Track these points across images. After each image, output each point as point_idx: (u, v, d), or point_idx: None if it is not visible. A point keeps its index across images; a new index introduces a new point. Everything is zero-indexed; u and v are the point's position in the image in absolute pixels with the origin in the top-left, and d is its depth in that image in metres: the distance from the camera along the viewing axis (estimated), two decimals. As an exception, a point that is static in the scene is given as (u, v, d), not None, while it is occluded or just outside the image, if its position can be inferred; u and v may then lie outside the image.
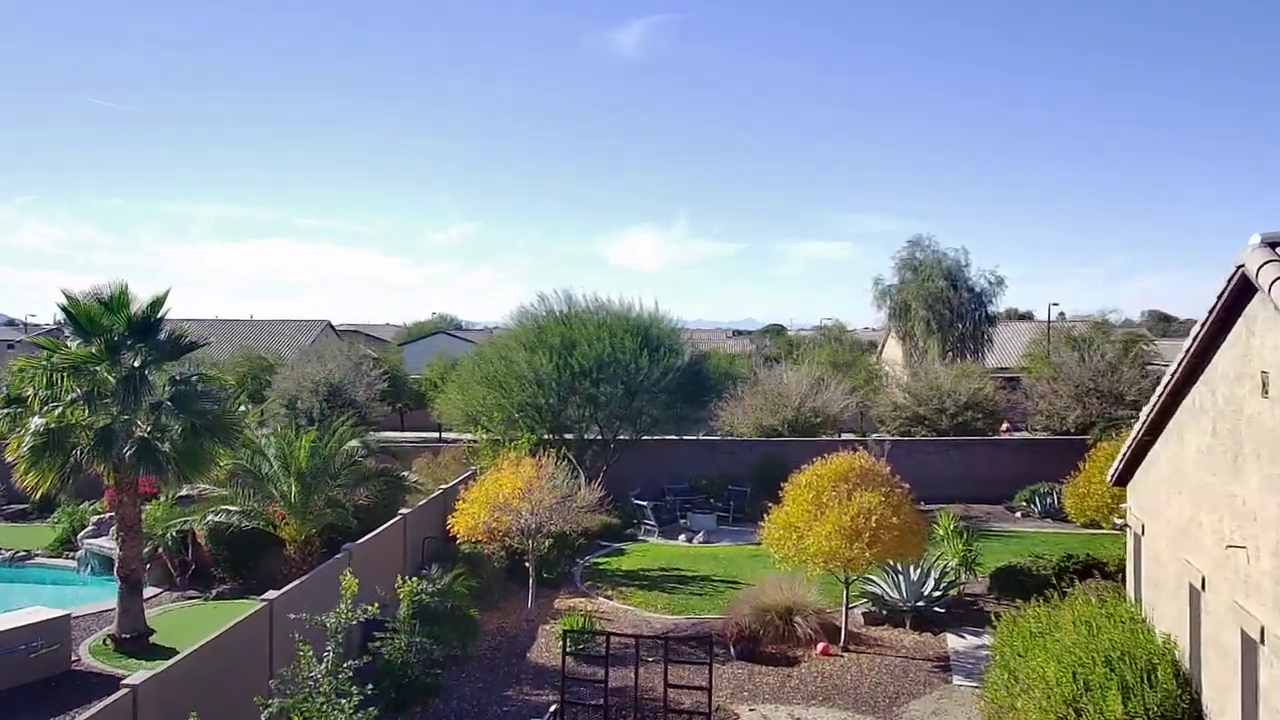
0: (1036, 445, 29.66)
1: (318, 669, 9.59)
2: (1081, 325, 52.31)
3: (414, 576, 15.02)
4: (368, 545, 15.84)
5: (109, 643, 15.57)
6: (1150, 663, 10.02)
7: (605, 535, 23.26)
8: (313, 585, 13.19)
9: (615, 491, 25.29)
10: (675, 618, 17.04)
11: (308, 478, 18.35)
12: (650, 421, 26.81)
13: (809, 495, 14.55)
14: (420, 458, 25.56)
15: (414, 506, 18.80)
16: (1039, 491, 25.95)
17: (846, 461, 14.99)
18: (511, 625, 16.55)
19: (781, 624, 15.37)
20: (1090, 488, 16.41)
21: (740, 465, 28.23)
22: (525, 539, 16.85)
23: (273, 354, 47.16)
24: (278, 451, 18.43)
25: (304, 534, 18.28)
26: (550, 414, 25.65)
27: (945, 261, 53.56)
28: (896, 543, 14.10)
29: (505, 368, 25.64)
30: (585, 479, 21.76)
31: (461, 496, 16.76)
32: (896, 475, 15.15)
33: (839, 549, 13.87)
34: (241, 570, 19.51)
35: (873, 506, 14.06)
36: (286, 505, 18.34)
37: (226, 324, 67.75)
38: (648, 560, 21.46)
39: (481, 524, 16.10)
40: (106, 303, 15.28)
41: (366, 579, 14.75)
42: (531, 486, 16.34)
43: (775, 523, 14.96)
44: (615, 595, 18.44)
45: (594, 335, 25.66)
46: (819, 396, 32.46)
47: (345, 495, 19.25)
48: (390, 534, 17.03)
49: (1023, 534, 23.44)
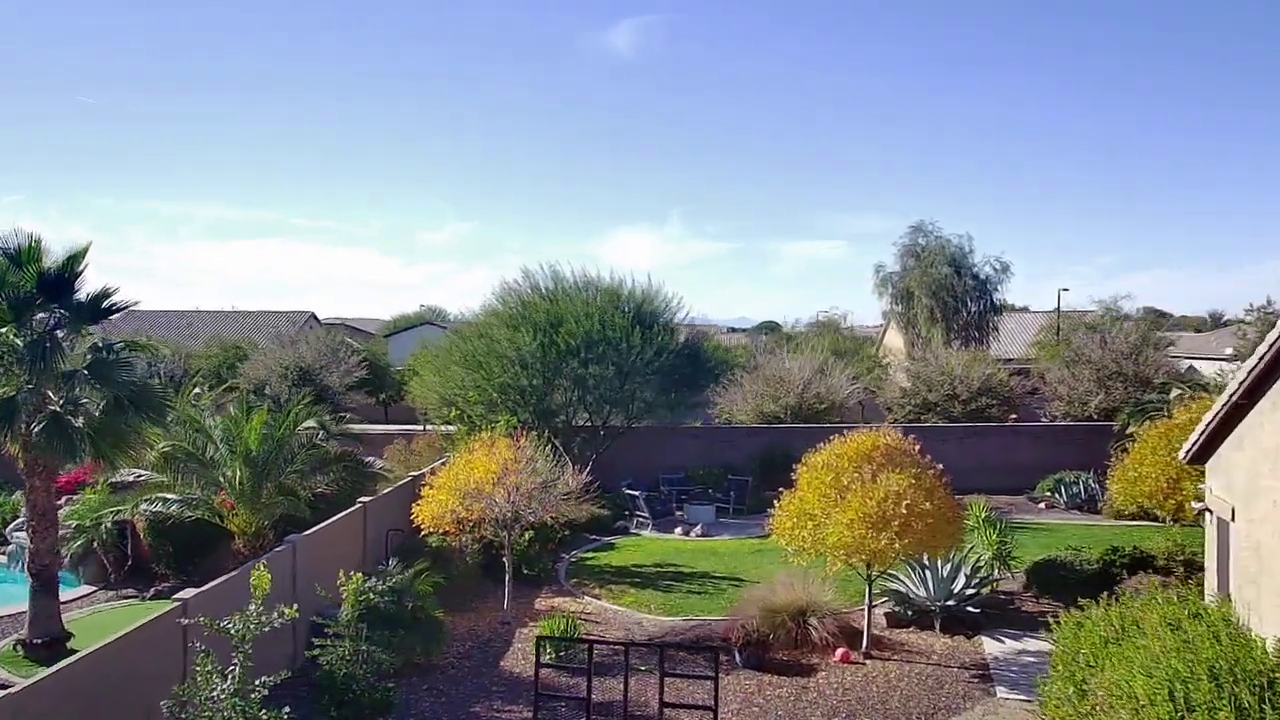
0: (1057, 432, 27.69)
1: (220, 686, 7.54)
2: (1093, 312, 50.41)
3: (372, 573, 13.00)
4: (318, 538, 13.79)
5: (18, 648, 13.48)
6: (1269, 677, 8.02)
7: (594, 528, 21.24)
8: (242, 582, 11.13)
9: (606, 481, 23.25)
10: (672, 619, 15.03)
11: (258, 462, 16.32)
12: (643, 406, 24.76)
13: (827, 477, 12.53)
14: (394, 444, 23.45)
15: (377, 495, 16.72)
16: (1064, 481, 24.01)
17: (870, 438, 12.97)
18: (485, 628, 14.50)
19: (794, 627, 13.36)
20: (1142, 470, 14.44)
21: (740, 454, 26.26)
22: (500, 530, 14.80)
23: (249, 343, 45.09)
24: (225, 433, 16.38)
25: (254, 525, 16.24)
26: (535, 397, 23.59)
27: (949, 248, 51.56)
28: (930, 532, 12.09)
29: (485, 346, 23.57)
30: (573, 467, 19.77)
31: (428, 482, 14.71)
32: (927, 456, 13.12)
33: (864, 540, 11.85)
34: (186, 566, 17.47)
35: (902, 490, 12.04)
36: (235, 493, 16.33)
37: (208, 315, 65.60)
38: (641, 555, 19.43)
39: (449, 513, 14.04)
40: (13, 255, 13.15)
41: (317, 575, 12.74)
42: (507, 470, 14.29)
43: (787, 510, 12.92)
44: (604, 594, 16.41)
45: (582, 311, 23.60)
46: (823, 382, 30.50)
47: (301, 482, 17.20)
48: (346, 525, 14.98)
49: (1051, 526, 21.46)
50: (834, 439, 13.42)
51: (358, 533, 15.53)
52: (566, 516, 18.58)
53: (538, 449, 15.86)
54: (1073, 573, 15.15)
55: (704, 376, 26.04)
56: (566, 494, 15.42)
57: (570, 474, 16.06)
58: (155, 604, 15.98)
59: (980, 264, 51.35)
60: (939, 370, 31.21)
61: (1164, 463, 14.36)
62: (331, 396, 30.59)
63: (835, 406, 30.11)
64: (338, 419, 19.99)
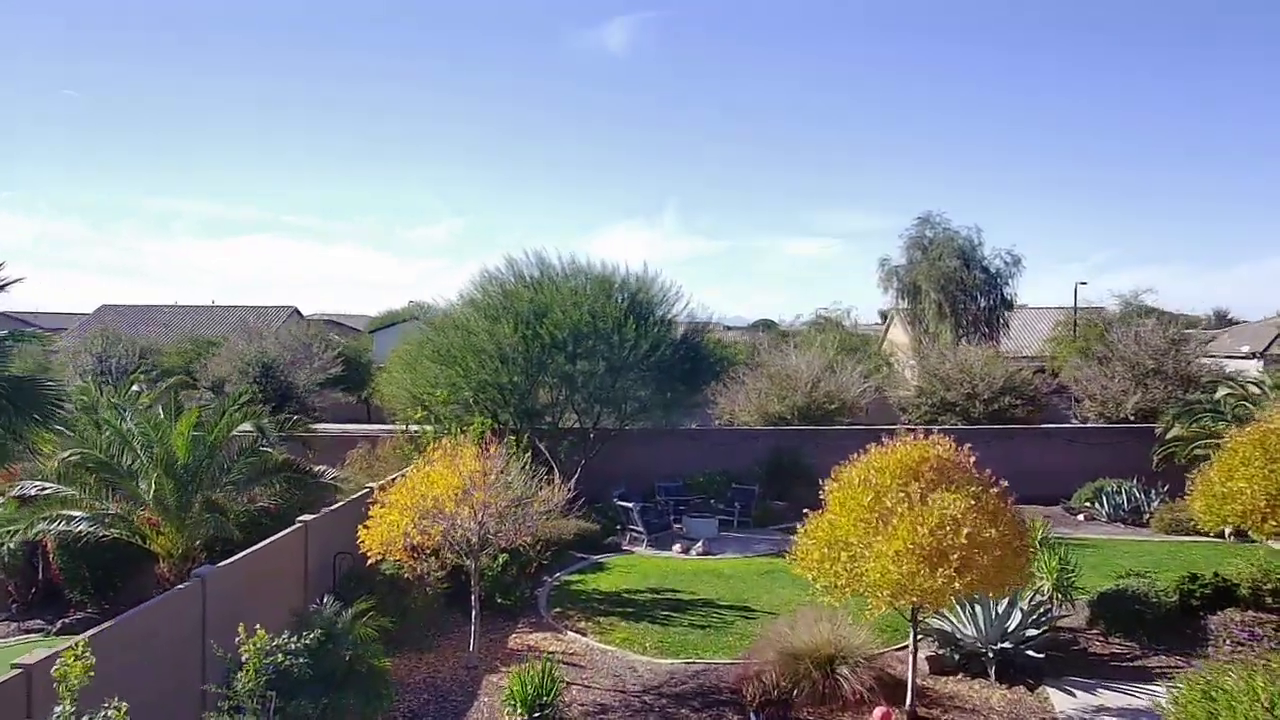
0: (1091, 435, 25.30)
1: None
2: (1105, 309, 47.97)
3: (302, 611, 10.55)
4: (242, 567, 11.31)
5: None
6: None
7: (582, 545, 18.80)
8: (122, 635, 8.67)
9: (596, 490, 20.86)
10: (670, 662, 12.58)
11: (186, 472, 13.89)
12: (637, 406, 22.31)
13: (865, 498, 10.09)
14: (357, 450, 20.92)
15: (322, 512, 14.23)
16: (1105, 490, 21.62)
17: (917, 448, 10.52)
18: (446, 675, 12.05)
19: (820, 677, 10.95)
20: (1233, 486, 12.01)
21: (744, 459, 23.83)
22: (465, 557, 12.34)
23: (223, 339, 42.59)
24: (146, 438, 13.92)
25: (182, 547, 13.86)
26: (516, 396, 21.13)
27: (957, 240, 49.15)
28: (997, 567, 9.67)
29: (462, 339, 21.08)
30: (560, 475, 17.36)
31: (376, 499, 12.23)
32: (986, 470, 10.68)
33: (915, 577, 9.42)
34: (107, 593, 15.09)
35: (961, 514, 9.62)
36: (158, 509, 13.90)
37: (186, 310, 63.15)
38: (634, 578, 16.99)
39: (400, 537, 11.56)
40: None
41: (243, 616, 10.31)
42: (473, 484, 11.82)
43: (814, 536, 10.47)
44: (591, 628, 13.96)
45: (570, 301, 21.12)
46: (833, 379, 28.09)
47: (236, 496, 14.75)
48: (281, 549, 12.49)
49: (1096, 541, 19.08)
50: (870, 447, 10.94)
51: (297, 558, 13.05)
52: (548, 534, 16.21)
53: (513, 457, 13.39)
54: (1148, 606, 12.76)
55: (704, 373, 23.56)
56: (548, 510, 12.94)
57: (553, 488, 13.57)
58: (58, 640, 13.52)
59: (990, 257, 49.10)
60: (957, 367, 28.83)
61: (1262, 475, 11.94)
62: (297, 394, 28.10)
63: (846, 406, 27.71)
64: (290, 420, 17.47)
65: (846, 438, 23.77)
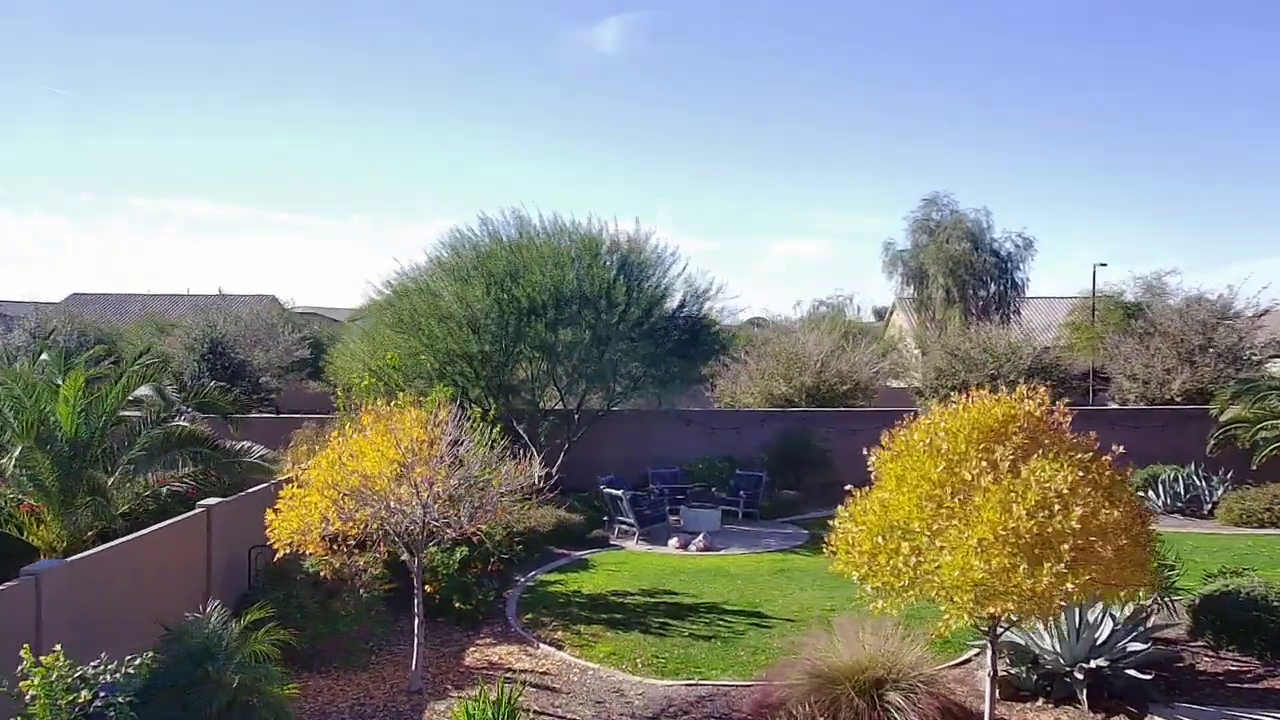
0: (1135, 417, 22.74)
1: None
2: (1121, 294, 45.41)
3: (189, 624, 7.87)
4: (108, 563, 8.62)
5: None
6: None
7: (562, 538, 16.19)
8: None
9: (581, 479, 18.24)
10: (668, 684, 9.91)
11: (68, 448, 11.25)
12: (628, 383, 19.65)
13: (935, 469, 7.42)
14: (303, 428, 18.18)
15: (234, 496, 11.52)
16: (1160, 478, 19.07)
17: (1000, 404, 7.86)
18: (379, 703, 9.36)
19: (865, 707, 8.34)
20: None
21: (749, 444, 21.26)
22: (408, 550, 9.64)
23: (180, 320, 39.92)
24: (15, 405, 11.26)
25: (68, 539, 11.28)
26: (489, 369, 18.45)
27: (965, 222, 46.73)
28: (1121, 561, 7.05)
29: (426, 303, 18.38)
30: (540, 461, 14.71)
31: (294, 477, 9.56)
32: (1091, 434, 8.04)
33: (1010, 575, 6.77)
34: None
35: (1070, 489, 6.98)
36: (37, 492, 11.31)
37: (162, 299, 60.50)
38: (624, 577, 14.35)
39: (317, 525, 8.86)
40: None
41: (109, 627, 7.76)
42: (415, 456, 9.14)
43: (862, 521, 7.78)
44: (569, 640, 11.29)
45: (550, 260, 18.43)
46: (844, 359, 25.52)
47: (135, 477, 12.04)
48: (171, 540, 9.81)
49: (1162, 535, 16.42)
50: (900, 421, 8.25)
51: (197, 551, 10.36)
52: (520, 525, 13.58)
53: (472, 427, 10.66)
54: (1269, 611, 10.16)
55: (704, 348, 20.83)
56: (511, 490, 10.21)
57: (524, 463, 10.86)
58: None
59: (1001, 239, 46.66)
60: (979, 347, 26.31)
61: None
62: (250, 374, 25.40)
63: (859, 387, 25.13)
64: (205, 388, 14.74)
65: (861, 420, 21.28)
